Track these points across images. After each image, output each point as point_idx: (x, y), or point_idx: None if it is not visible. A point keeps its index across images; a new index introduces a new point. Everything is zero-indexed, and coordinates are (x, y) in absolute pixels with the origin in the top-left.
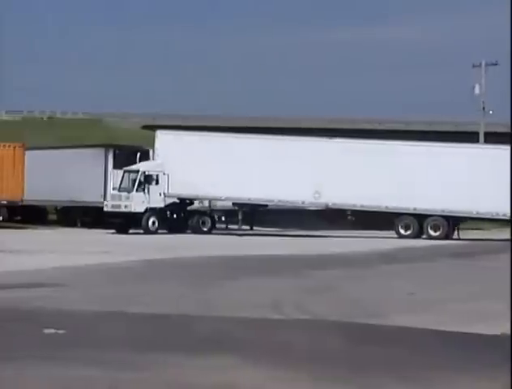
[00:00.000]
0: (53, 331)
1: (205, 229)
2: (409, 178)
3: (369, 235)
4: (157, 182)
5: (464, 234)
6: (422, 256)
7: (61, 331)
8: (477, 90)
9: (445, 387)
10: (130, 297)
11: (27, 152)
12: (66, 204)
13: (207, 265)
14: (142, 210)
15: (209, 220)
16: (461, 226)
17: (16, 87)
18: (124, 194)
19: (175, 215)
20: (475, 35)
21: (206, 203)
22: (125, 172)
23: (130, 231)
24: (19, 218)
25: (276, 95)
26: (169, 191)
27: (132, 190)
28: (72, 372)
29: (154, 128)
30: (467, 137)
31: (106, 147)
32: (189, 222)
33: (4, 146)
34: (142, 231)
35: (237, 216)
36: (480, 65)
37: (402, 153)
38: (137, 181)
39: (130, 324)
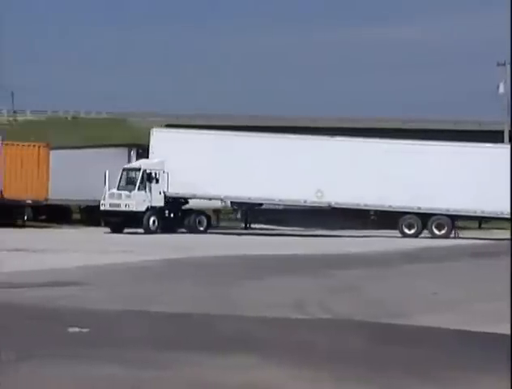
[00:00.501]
0: (77, 329)
1: (201, 229)
2: (414, 177)
3: (372, 235)
4: (157, 181)
5: (487, 234)
6: (445, 256)
7: (85, 330)
8: (502, 89)
9: (467, 387)
10: (151, 296)
11: (51, 152)
12: (89, 204)
13: (227, 264)
14: (143, 209)
15: (205, 219)
16: (484, 225)
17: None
18: (124, 192)
19: (172, 215)
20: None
21: (227, 202)
22: (123, 170)
23: (128, 231)
24: (43, 217)
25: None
26: (169, 190)
27: (133, 189)
28: (96, 370)
29: (177, 127)
30: (491, 136)
31: (129, 146)
32: (186, 221)
33: (29, 145)
34: (142, 230)
35: (261, 216)
36: (505, 63)
37: (406, 152)
38: (138, 179)
39: (152, 323)
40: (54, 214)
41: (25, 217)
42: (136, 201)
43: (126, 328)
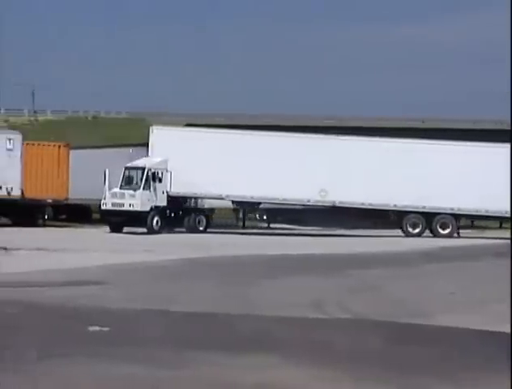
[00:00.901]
0: (97, 328)
1: (201, 228)
2: (418, 176)
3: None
4: (160, 180)
5: (504, 233)
6: (465, 255)
7: (105, 329)
8: None
9: (486, 388)
10: (171, 295)
11: (71, 152)
12: None
13: (245, 264)
14: (147, 209)
15: (204, 219)
16: (505, 225)
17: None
18: (128, 192)
19: (173, 214)
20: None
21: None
22: (126, 169)
23: (128, 230)
24: (63, 217)
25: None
26: (172, 190)
27: (138, 188)
28: (116, 369)
29: (198, 127)
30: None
31: (149, 145)
32: (186, 221)
33: (49, 145)
34: (141, 230)
35: (280, 216)
36: None
37: (411, 151)
38: (143, 178)
39: (171, 322)
40: (74, 213)
41: (46, 217)
42: (141, 201)
43: (146, 327)
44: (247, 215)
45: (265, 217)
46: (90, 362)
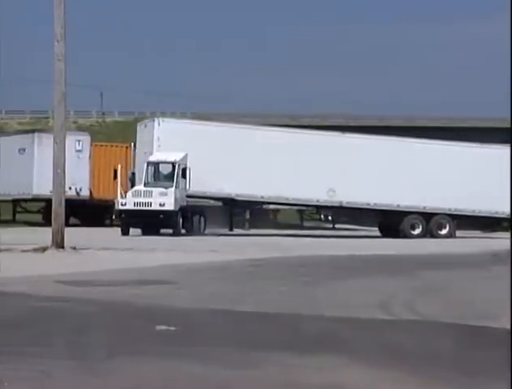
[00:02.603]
0: (164, 327)
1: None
2: (418, 175)
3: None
4: (185, 177)
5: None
6: None
7: (172, 328)
8: None
9: None
10: (237, 295)
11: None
12: None
13: (311, 265)
14: (177, 208)
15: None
16: None
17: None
18: (158, 189)
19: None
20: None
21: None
22: (149, 164)
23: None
24: None
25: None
26: (190, 187)
27: (170, 186)
28: (183, 368)
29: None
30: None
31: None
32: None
33: (117, 146)
34: (171, 232)
35: (344, 216)
36: None
37: (413, 150)
38: (175, 174)
39: (238, 322)
40: None
41: (113, 217)
42: (174, 199)
43: (213, 327)
44: (308, 214)
45: (329, 218)
46: (157, 361)
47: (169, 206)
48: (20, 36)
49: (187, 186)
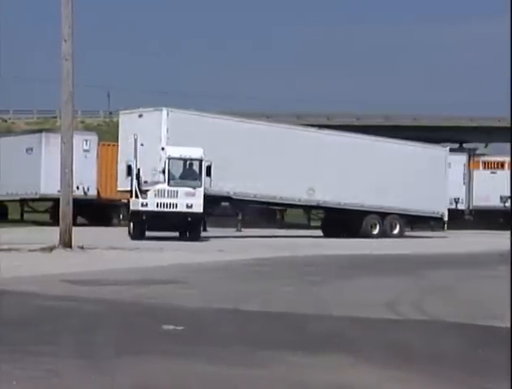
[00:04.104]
0: (171, 327)
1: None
2: (373, 174)
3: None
4: (209, 175)
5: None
6: None
7: (179, 328)
8: None
9: None
10: (244, 294)
11: None
12: None
13: (317, 264)
14: (202, 210)
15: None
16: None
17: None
18: (184, 189)
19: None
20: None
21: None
22: (170, 159)
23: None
24: None
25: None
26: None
27: (198, 185)
28: (190, 368)
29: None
30: None
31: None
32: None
33: None
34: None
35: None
36: None
37: (370, 149)
38: (202, 172)
39: (244, 322)
40: None
41: (120, 216)
42: (202, 200)
43: (220, 327)
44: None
45: None
46: (164, 360)
47: (197, 207)
48: (28, 35)
49: (210, 185)
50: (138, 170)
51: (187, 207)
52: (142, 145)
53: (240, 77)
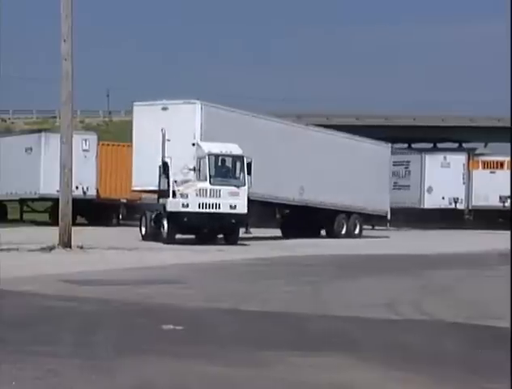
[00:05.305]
0: (171, 327)
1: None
2: (343, 173)
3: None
4: (249, 173)
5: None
6: None
7: (178, 328)
8: None
9: None
10: (244, 294)
11: None
12: None
13: (317, 264)
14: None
15: None
16: None
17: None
18: (227, 188)
19: None
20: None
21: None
22: (210, 155)
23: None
24: (137, 216)
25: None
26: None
27: (240, 184)
28: (190, 368)
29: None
30: None
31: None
32: None
33: (123, 146)
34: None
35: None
36: None
37: (338, 146)
38: (245, 170)
39: (244, 322)
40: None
41: (120, 216)
42: (246, 200)
43: (219, 327)
44: None
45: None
46: (164, 360)
47: (242, 208)
48: (27, 35)
49: (251, 185)
50: (167, 167)
51: (231, 207)
52: (168, 141)
53: (239, 77)
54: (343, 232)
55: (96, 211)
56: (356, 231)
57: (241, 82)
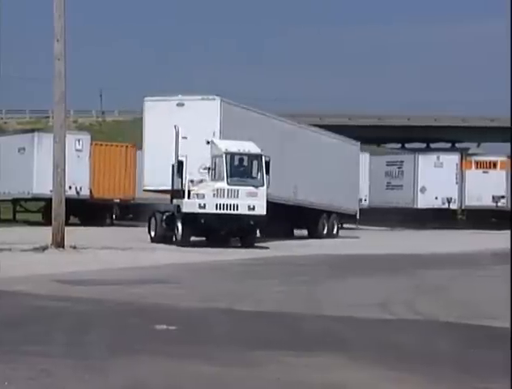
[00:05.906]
0: (164, 326)
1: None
2: (325, 172)
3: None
4: (268, 173)
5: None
6: None
7: (172, 328)
8: None
9: None
10: (237, 294)
11: (138, 152)
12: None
13: (311, 263)
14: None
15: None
16: None
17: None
18: (246, 188)
19: None
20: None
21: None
22: (227, 154)
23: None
24: (131, 216)
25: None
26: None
27: (259, 184)
28: (183, 367)
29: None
30: None
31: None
32: None
33: (117, 145)
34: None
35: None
36: None
37: (323, 143)
38: (264, 170)
39: (238, 321)
40: (140, 213)
41: (113, 216)
42: (265, 201)
43: (212, 326)
44: None
45: None
46: (157, 360)
47: (260, 209)
48: (20, 35)
49: (269, 185)
50: (182, 167)
51: (249, 208)
52: (185, 138)
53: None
54: (325, 231)
55: (90, 211)
56: (334, 231)
57: (234, 81)
